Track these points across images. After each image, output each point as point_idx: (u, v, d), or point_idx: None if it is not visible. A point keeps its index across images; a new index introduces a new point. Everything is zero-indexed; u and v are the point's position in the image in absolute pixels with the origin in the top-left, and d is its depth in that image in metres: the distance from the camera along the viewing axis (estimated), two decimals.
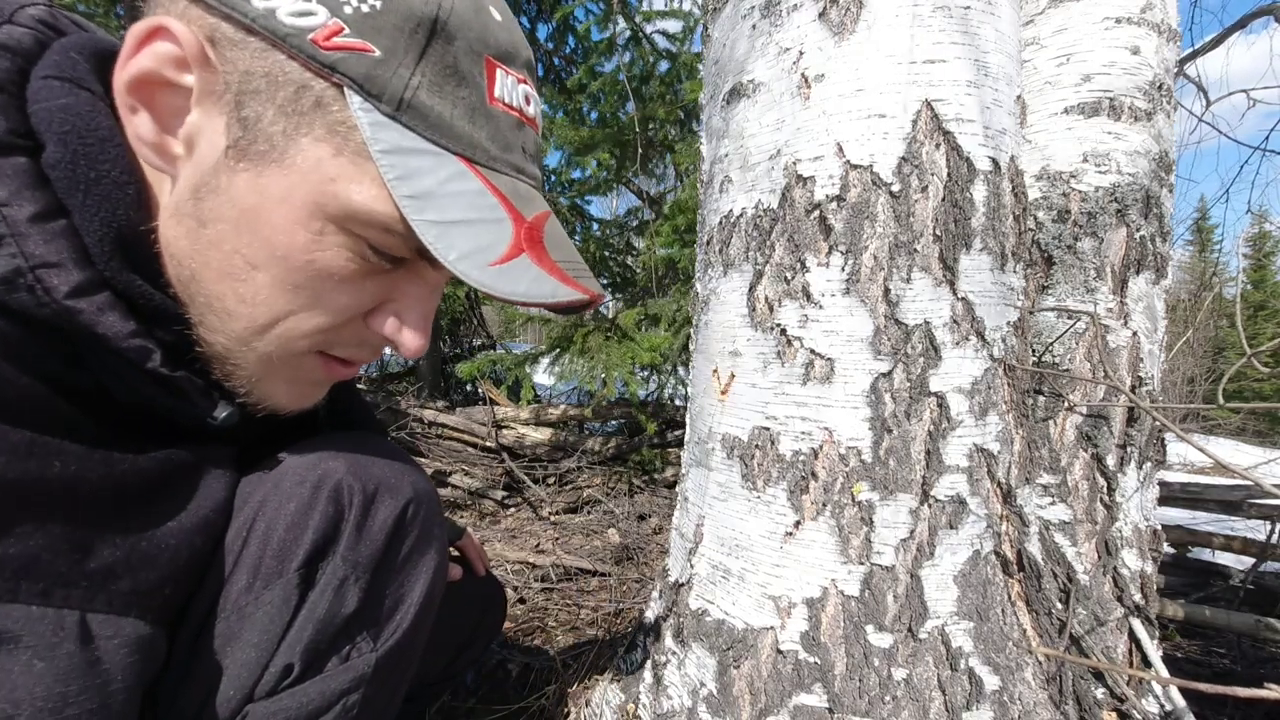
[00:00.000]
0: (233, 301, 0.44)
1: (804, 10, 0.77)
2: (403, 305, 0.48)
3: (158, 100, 0.41)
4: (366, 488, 0.52)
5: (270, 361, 0.47)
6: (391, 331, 0.49)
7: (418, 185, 0.41)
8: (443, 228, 0.41)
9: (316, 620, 0.49)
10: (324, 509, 0.50)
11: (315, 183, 0.41)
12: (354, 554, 0.51)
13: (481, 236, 0.42)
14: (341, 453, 0.54)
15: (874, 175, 0.74)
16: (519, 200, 0.46)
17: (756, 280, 0.81)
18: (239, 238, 0.42)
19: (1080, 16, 0.86)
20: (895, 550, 0.73)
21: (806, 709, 0.72)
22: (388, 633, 0.54)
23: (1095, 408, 0.83)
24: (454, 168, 0.43)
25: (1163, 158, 0.87)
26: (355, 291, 0.46)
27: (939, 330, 0.74)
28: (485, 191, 0.43)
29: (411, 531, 0.55)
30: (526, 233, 0.45)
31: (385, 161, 0.40)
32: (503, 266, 0.43)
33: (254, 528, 0.50)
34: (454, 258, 0.41)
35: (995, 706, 0.71)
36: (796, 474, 0.76)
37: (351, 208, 0.41)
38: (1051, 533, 0.82)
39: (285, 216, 0.42)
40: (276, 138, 0.41)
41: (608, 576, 1.67)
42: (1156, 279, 0.87)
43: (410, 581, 0.56)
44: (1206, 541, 1.62)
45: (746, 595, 0.79)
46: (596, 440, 2.64)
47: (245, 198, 0.41)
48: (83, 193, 0.39)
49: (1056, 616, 0.78)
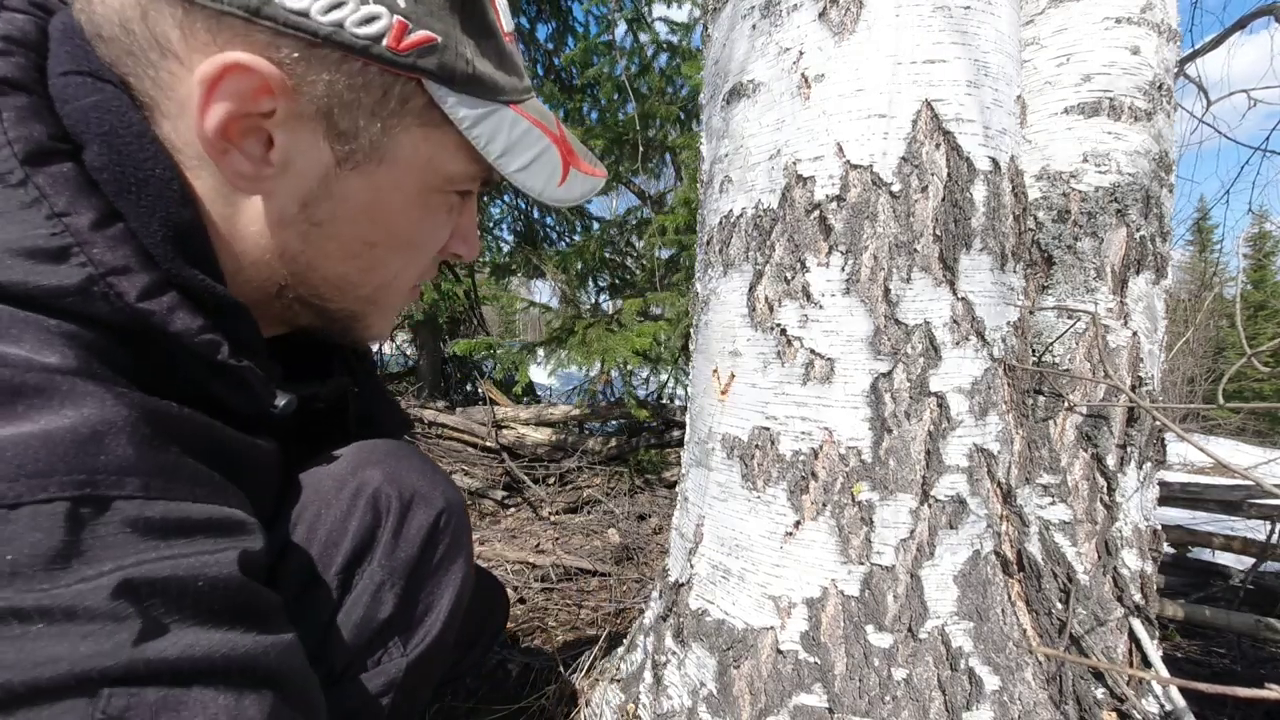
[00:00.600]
0: (355, 274, 0.51)
1: (804, 10, 0.77)
2: (463, 226, 0.57)
3: (237, 133, 0.42)
4: (403, 496, 0.54)
5: (387, 306, 0.56)
6: (460, 247, 0.58)
7: (499, 144, 0.48)
8: (525, 172, 0.50)
9: (354, 623, 0.51)
10: (362, 516, 0.52)
11: (419, 167, 0.48)
12: (390, 560, 0.53)
13: (546, 166, 0.52)
14: (378, 461, 0.56)
15: (874, 175, 0.74)
16: (545, 119, 0.52)
17: (756, 280, 0.81)
18: (356, 227, 0.48)
19: (1080, 16, 0.86)
20: (895, 550, 0.73)
21: (806, 709, 0.72)
22: (418, 638, 0.55)
23: (1095, 408, 0.83)
24: (509, 116, 0.49)
25: (1163, 158, 0.87)
26: (445, 229, 0.55)
27: (939, 330, 0.74)
28: (531, 128, 0.51)
29: (444, 540, 0.57)
30: (564, 149, 0.54)
31: (474, 133, 0.47)
32: (565, 184, 0.54)
33: (295, 533, 0.52)
34: (539, 190, 0.51)
35: (995, 706, 0.71)
36: (796, 474, 0.76)
37: (450, 176, 0.50)
38: (1051, 533, 0.82)
39: (400, 201, 0.48)
40: (376, 138, 0.45)
41: (608, 576, 1.67)
42: (1156, 279, 0.87)
43: (441, 588, 0.58)
44: (1206, 541, 1.62)
45: (746, 595, 0.79)
46: (596, 440, 2.64)
47: (360, 195, 0.47)
48: (134, 195, 0.40)
49: (1056, 616, 0.78)
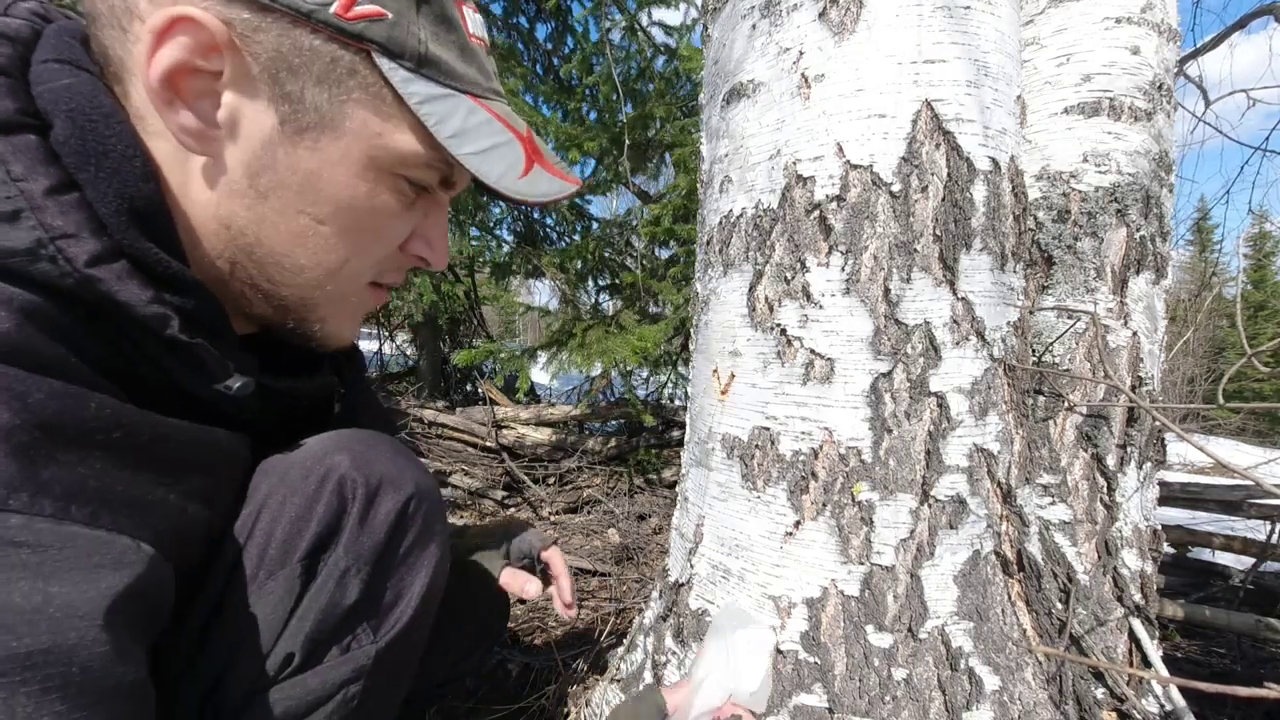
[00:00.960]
0: (303, 256, 0.50)
1: (804, 10, 0.77)
2: (428, 226, 0.56)
3: (187, 88, 0.42)
4: (369, 482, 0.54)
5: (341, 300, 0.54)
6: (424, 250, 0.57)
7: (452, 126, 0.48)
8: (480, 157, 0.49)
9: (318, 611, 0.50)
10: (327, 502, 0.52)
11: (366, 140, 0.47)
12: (356, 546, 0.52)
13: (506, 157, 0.51)
14: (346, 448, 0.55)
15: (874, 175, 0.74)
16: (511, 119, 0.53)
17: (756, 280, 0.81)
18: (303, 200, 0.47)
19: (1080, 16, 0.86)
20: (895, 550, 0.73)
21: (806, 709, 0.72)
22: (388, 625, 0.55)
23: (1095, 408, 0.83)
24: (467, 104, 0.49)
25: (1163, 158, 0.87)
26: (401, 223, 0.53)
27: (939, 330, 0.74)
28: (492, 120, 0.50)
29: (413, 526, 0.56)
30: (529, 146, 0.53)
31: (424, 110, 0.47)
32: (528, 177, 0.52)
33: (259, 519, 0.51)
34: (495, 179, 0.50)
35: (995, 706, 0.71)
36: (796, 474, 0.76)
37: (401, 155, 0.48)
38: (1051, 533, 0.82)
39: (346, 174, 0.47)
40: (323, 107, 0.45)
41: (608, 576, 1.67)
42: (1156, 279, 0.87)
43: (411, 575, 0.57)
44: (1206, 541, 1.62)
45: (746, 595, 0.79)
46: (596, 440, 2.64)
47: (306, 165, 0.46)
48: (93, 166, 0.40)
49: (1056, 616, 0.78)
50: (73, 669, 0.32)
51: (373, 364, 5.77)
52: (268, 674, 0.49)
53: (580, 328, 2.66)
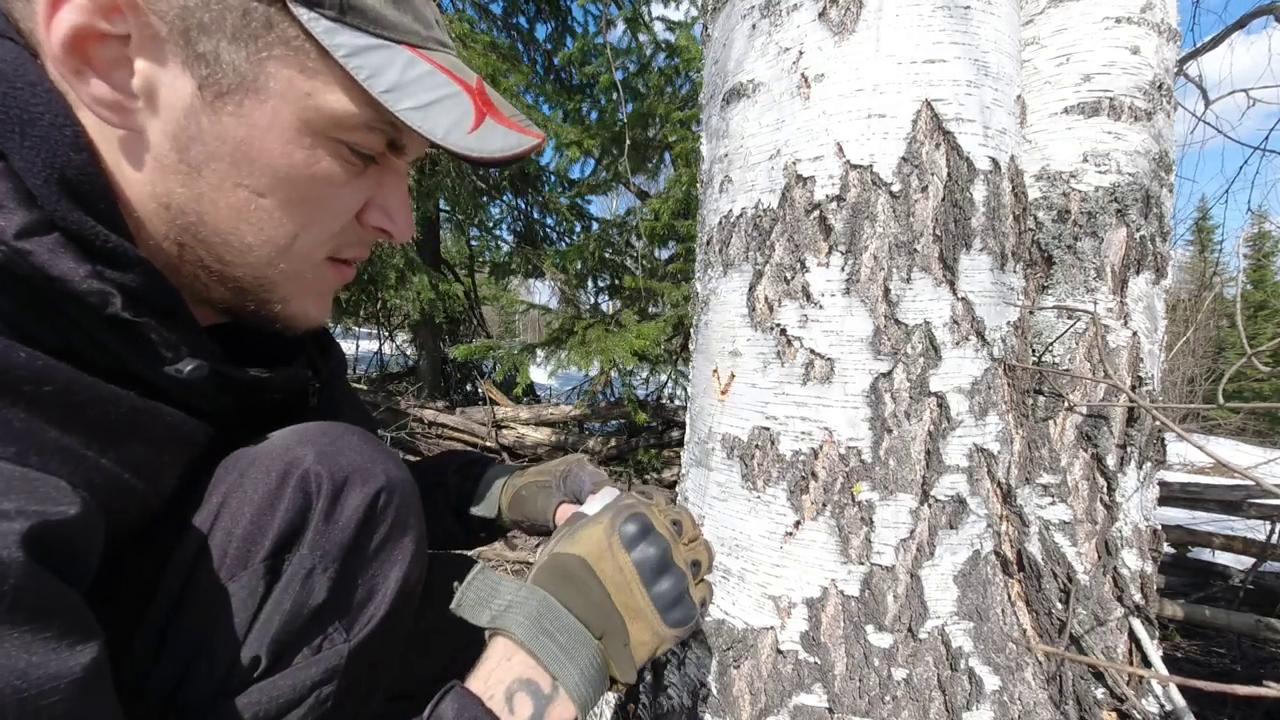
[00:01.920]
0: (249, 233, 0.47)
1: (804, 10, 0.77)
2: (384, 196, 0.52)
3: (95, 56, 0.40)
4: (335, 476, 0.51)
5: (298, 278, 0.51)
6: (383, 221, 0.53)
7: (386, 79, 0.43)
8: (422, 112, 0.45)
9: (283, 612, 0.48)
10: (291, 498, 0.49)
11: (295, 101, 0.43)
12: (322, 543, 0.50)
13: (453, 111, 0.46)
14: (311, 441, 0.53)
15: (874, 175, 0.74)
16: (458, 70, 0.49)
17: (756, 280, 0.81)
18: (238, 173, 0.44)
19: (1080, 16, 0.86)
20: (895, 550, 0.73)
21: (806, 709, 0.72)
22: (361, 623, 0.53)
23: (1095, 408, 0.83)
24: (403, 56, 0.45)
25: (1163, 158, 0.87)
26: (350, 193, 0.50)
27: (939, 330, 0.74)
28: (435, 71, 0.46)
29: (384, 519, 0.54)
30: (480, 99, 0.49)
31: (353, 64, 0.42)
32: (478, 132, 0.48)
33: (220, 517, 0.49)
34: (441, 134, 0.45)
35: (995, 706, 0.71)
36: (796, 474, 0.76)
37: (335, 116, 0.44)
38: (1051, 533, 0.82)
39: (278, 139, 0.44)
40: (242, 66, 0.41)
41: None
42: (1156, 279, 0.87)
43: (384, 570, 0.55)
44: (1206, 541, 1.62)
45: (746, 595, 0.79)
46: (596, 440, 2.64)
47: (234, 133, 0.43)
48: (19, 135, 0.38)
49: (1056, 616, 0.78)
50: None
51: (373, 364, 5.77)
52: (234, 677, 0.47)
53: (580, 326, 2.67)
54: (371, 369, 5.67)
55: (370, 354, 5.89)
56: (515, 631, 0.50)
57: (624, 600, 0.54)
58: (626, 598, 0.54)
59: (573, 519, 0.62)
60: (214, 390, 0.50)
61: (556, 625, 0.51)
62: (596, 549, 0.55)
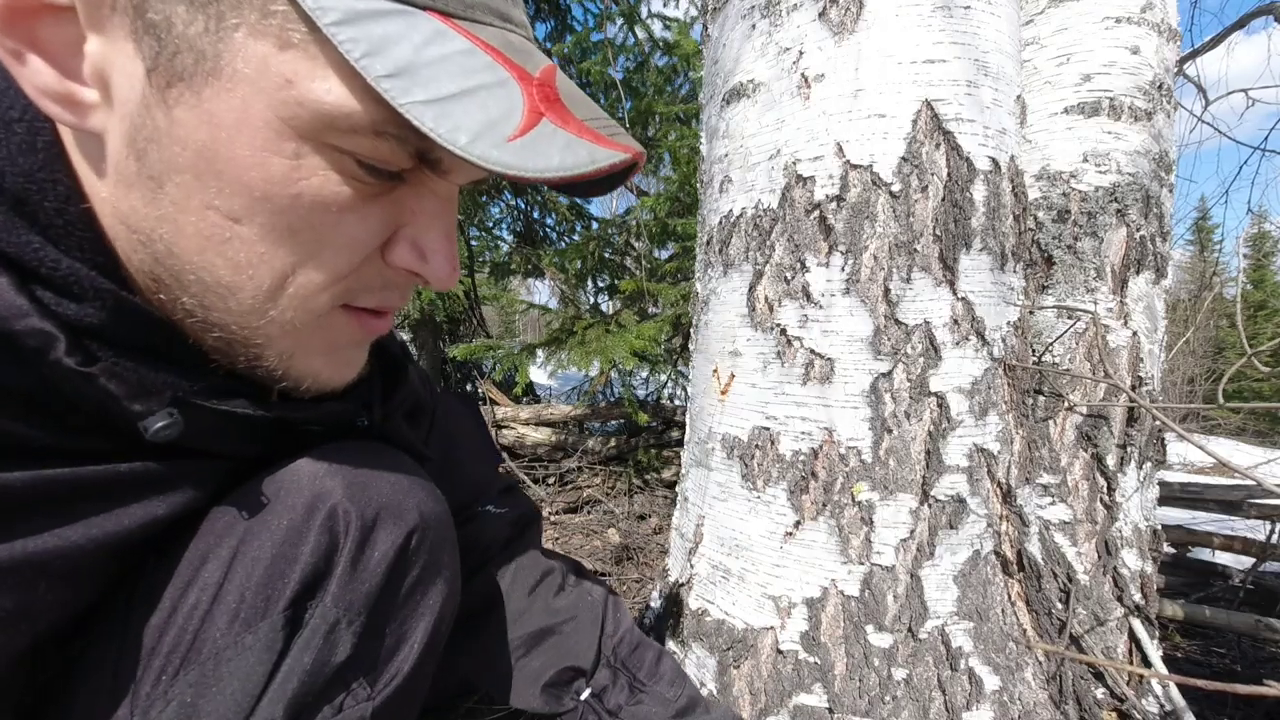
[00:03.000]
0: (226, 271, 0.35)
1: (804, 10, 0.77)
2: (417, 228, 0.39)
3: (41, 36, 0.31)
4: (365, 514, 0.46)
5: (295, 330, 0.39)
6: (413, 262, 0.40)
7: (393, 59, 0.30)
8: (440, 106, 0.31)
9: (303, 670, 0.43)
10: (316, 539, 0.44)
11: (270, 91, 0.31)
12: (348, 593, 0.45)
13: (489, 107, 0.32)
14: (340, 471, 0.46)
15: (874, 175, 0.74)
16: (515, 53, 0.35)
17: (756, 280, 0.81)
18: (205, 188, 0.33)
19: (1080, 16, 0.86)
20: (895, 550, 0.73)
21: (806, 709, 0.72)
22: (386, 677, 0.48)
23: (1095, 408, 0.83)
24: (428, 26, 0.32)
25: (1163, 157, 0.87)
26: (359, 222, 0.37)
27: (939, 330, 0.74)
28: (475, 49, 0.33)
29: (416, 562, 0.49)
30: (540, 91, 0.35)
31: (343, 35, 0.30)
32: (525, 139, 0.32)
33: (237, 559, 0.43)
34: (465, 142, 0.31)
35: (995, 706, 0.71)
36: (796, 474, 0.76)
37: (324, 113, 0.32)
38: (1051, 533, 0.82)
39: (248, 144, 0.32)
40: (199, 42, 0.30)
41: (608, 576, 1.66)
42: (1156, 279, 0.87)
43: (414, 619, 0.50)
44: (1206, 541, 1.62)
45: (746, 595, 0.79)
46: (596, 440, 2.64)
47: (194, 134, 0.32)
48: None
49: (1056, 616, 0.78)
50: None
51: None
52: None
53: (580, 326, 2.67)
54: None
55: None
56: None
57: None
58: None
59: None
60: (221, 428, 0.43)
61: None
62: None
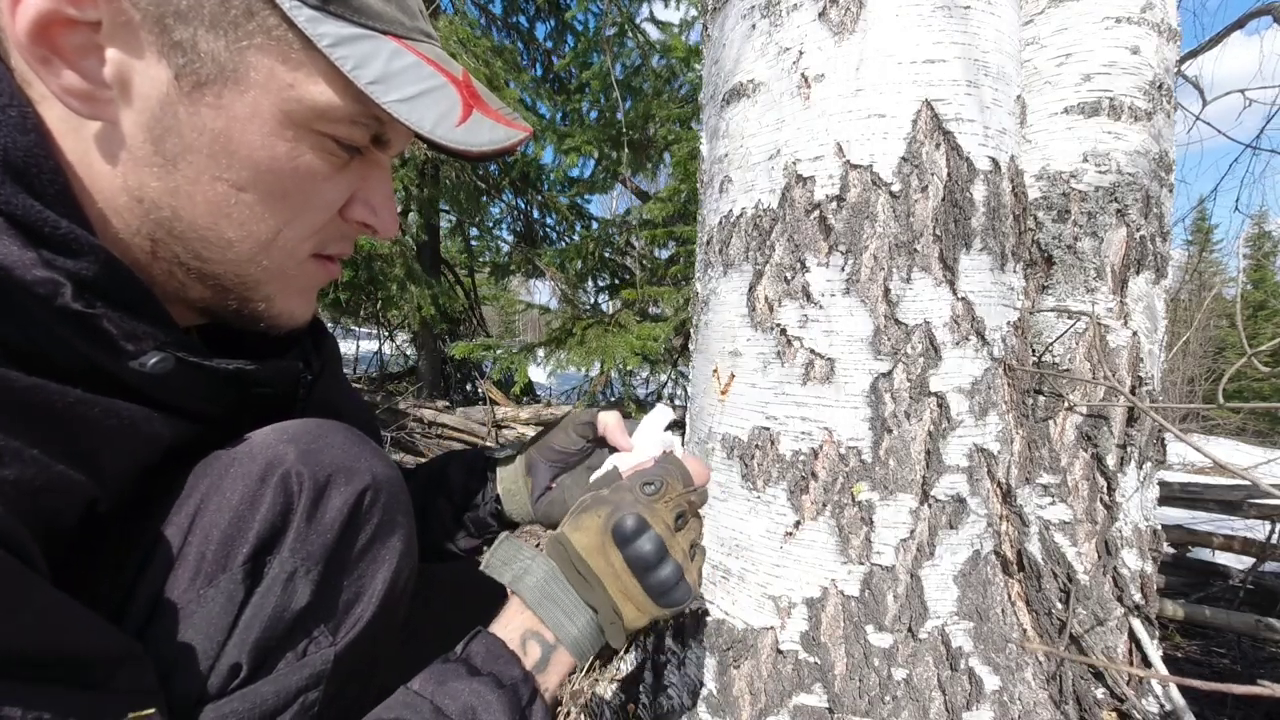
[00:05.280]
0: (230, 229, 0.45)
1: (804, 10, 0.77)
2: (369, 190, 0.51)
3: (63, 43, 0.38)
4: (317, 475, 0.50)
5: (282, 275, 0.50)
6: (366, 216, 0.52)
7: (373, 70, 0.42)
8: (409, 104, 0.44)
9: (264, 617, 0.47)
10: (271, 499, 0.48)
11: (276, 93, 0.42)
12: (304, 545, 0.49)
13: (440, 104, 0.46)
14: (293, 439, 0.51)
15: (874, 175, 0.74)
16: (444, 62, 0.48)
17: (756, 280, 0.81)
18: (217, 166, 0.43)
19: (1080, 16, 0.86)
20: (895, 550, 0.73)
21: (806, 709, 0.72)
22: (347, 626, 0.52)
23: (1095, 408, 0.83)
24: (389, 47, 0.44)
25: (1162, 157, 0.87)
26: (334, 187, 0.49)
27: (939, 330, 0.74)
28: (420, 63, 0.45)
29: (370, 519, 0.53)
30: (467, 91, 0.48)
31: (338, 54, 0.41)
32: (466, 125, 0.47)
33: (197, 520, 0.47)
34: (429, 127, 0.45)
35: (995, 706, 0.71)
36: (796, 474, 0.76)
37: (318, 108, 0.43)
38: (1051, 533, 0.82)
39: (259, 132, 0.43)
40: (221, 56, 0.40)
41: None
42: (1156, 279, 0.87)
43: (371, 571, 0.54)
44: (1206, 541, 1.62)
45: (746, 595, 0.79)
46: None
47: (212, 125, 0.42)
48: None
49: (1056, 616, 0.78)
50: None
51: (372, 364, 5.77)
52: (214, 686, 0.46)
53: (580, 326, 2.67)
54: (371, 369, 5.67)
55: (370, 354, 5.89)
56: (525, 595, 0.55)
57: (616, 588, 0.56)
58: (619, 585, 0.56)
59: (597, 485, 0.63)
60: (191, 385, 0.49)
61: (559, 591, 0.55)
62: (590, 544, 0.56)
